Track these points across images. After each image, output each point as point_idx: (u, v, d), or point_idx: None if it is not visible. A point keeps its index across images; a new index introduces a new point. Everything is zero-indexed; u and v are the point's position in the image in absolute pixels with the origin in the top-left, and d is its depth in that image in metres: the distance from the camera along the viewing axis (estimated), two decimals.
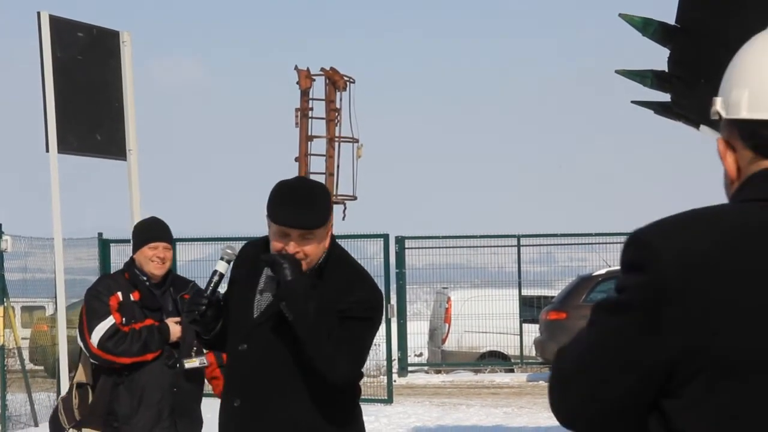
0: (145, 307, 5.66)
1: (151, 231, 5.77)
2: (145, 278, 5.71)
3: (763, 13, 5.56)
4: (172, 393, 5.64)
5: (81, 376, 5.77)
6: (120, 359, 5.53)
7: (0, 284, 12.69)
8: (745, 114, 1.88)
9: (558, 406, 1.85)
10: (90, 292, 5.73)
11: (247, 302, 3.92)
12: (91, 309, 5.62)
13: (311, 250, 3.78)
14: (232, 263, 4.05)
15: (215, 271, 4.00)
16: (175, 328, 5.64)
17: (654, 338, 1.74)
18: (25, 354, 14.15)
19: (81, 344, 5.63)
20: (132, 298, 5.65)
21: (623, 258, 1.80)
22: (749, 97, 1.88)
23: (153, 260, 5.67)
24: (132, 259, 5.80)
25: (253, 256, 3.94)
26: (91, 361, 5.63)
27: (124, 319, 5.58)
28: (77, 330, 5.70)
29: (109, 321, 5.53)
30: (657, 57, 6.10)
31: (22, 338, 14.14)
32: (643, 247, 1.77)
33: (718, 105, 1.93)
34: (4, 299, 12.67)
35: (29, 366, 14.71)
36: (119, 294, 5.63)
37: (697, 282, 1.73)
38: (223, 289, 4.06)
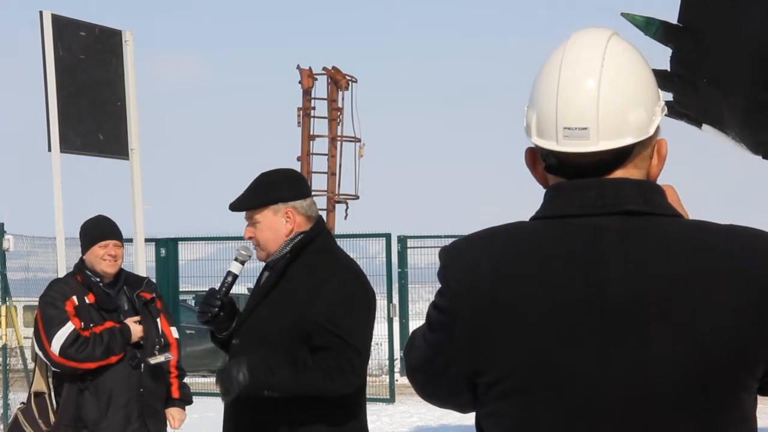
0: (102, 309, 5.54)
1: (100, 229, 5.62)
2: (98, 279, 5.58)
3: (765, 12, 5.56)
4: (139, 394, 5.55)
5: (38, 385, 5.67)
6: (84, 365, 5.40)
7: (2, 283, 12.70)
8: (534, 138, 1.91)
9: (414, 388, 2.04)
10: (44, 299, 5.57)
11: (248, 302, 3.97)
12: (47, 316, 5.47)
13: (260, 236, 3.89)
14: (245, 263, 4.08)
15: (229, 272, 4.02)
16: (136, 328, 5.54)
17: (451, 355, 1.88)
18: (27, 353, 14.14)
19: (40, 353, 5.50)
20: (87, 301, 5.53)
21: (438, 270, 1.92)
22: (537, 122, 1.90)
23: (105, 258, 5.54)
24: (82, 261, 5.68)
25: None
26: (53, 369, 5.52)
27: (83, 323, 5.45)
28: (33, 339, 5.57)
29: (69, 327, 5.40)
30: (659, 56, 6.10)
31: (25, 337, 14.12)
32: (442, 267, 1.90)
33: (524, 117, 1.95)
34: (7, 298, 12.68)
35: (31, 365, 14.70)
36: (74, 298, 5.51)
37: (481, 306, 1.83)
38: (236, 288, 4.09)
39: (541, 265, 1.81)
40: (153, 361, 5.56)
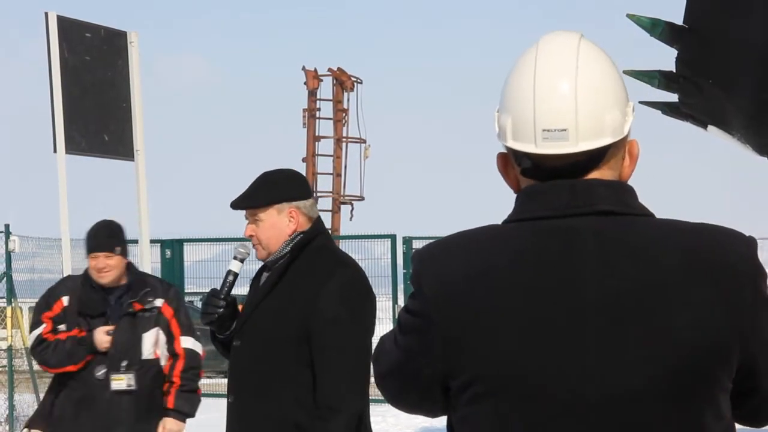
0: (86, 314, 5.46)
1: (93, 240, 5.53)
2: (96, 284, 5.50)
3: None
4: (117, 398, 5.43)
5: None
6: (45, 368, 5.49)
7: (8, 285, 12.72)
8: (510, 142, 1.91)
9: (383, 395, 2.05)
10: (45, 292, 5.64)
11: (248, 303, 3.96)
12: (35, 310, 5.58)
13: (261, 234, 3.89)
14: (245, 262, 4.08)
15: (229, 271, 4.02)
16: (101, 338, 5.39)
17: (425, 358, 1.88)
18: None
19: None
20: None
21: (410, 274, 1.94)
22: (512, 125, 1.89)
23: (94, 270, 5.47)
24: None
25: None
26: None
27: (61, 326, 5.42)
28: None
29: (41, 328, 5.44)
30: (664, 57, 6.09)
31: None
32: (415, 271, 1.91)
33: (495, 122, 1.95)
34: (12, 300, 12.70)
35: (37, 367, 14.74)
36: (65, 299, 5.48)
37: (454, 310, 1.83)
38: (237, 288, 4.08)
39: (514, 267, 1.82)
40: (115, 384, 5.41)
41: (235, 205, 3.94)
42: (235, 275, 4.03)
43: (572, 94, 1.85)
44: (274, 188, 3.91)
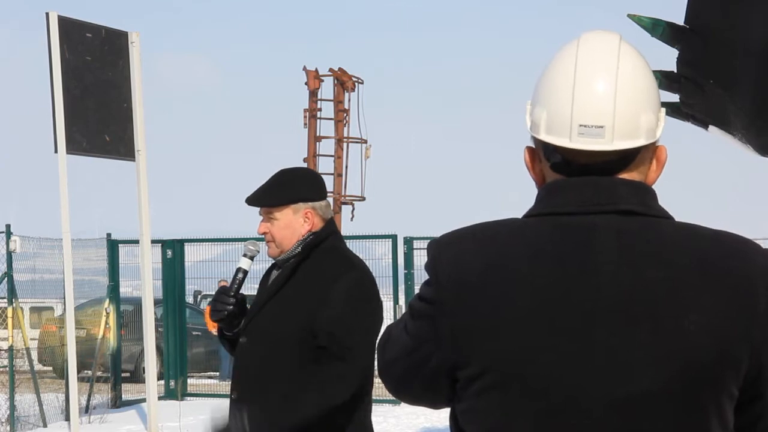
0: None
1: None
2: None
3: None
4: None
5: None
6: None
7: (9, 285, 12.71)
8: (543, 135, 1.91)
9: (386, 386, 2.06)
10: None
11: (256, 301, 3.97)
12: None
13: (275, 232, 3.89)
14: (254, 259, 4.08)
15: (239, 269, 4.02)
16: None
17: (434, 346, 1.89)
18: (34, 354, 14.18)
19: None
20: None
21: (426, 261, 1.94)
22: (547, 119, 1.90)
23: None
24: None
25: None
26: None
27: None
28: None
29: None
30: (666, 57, 6.09)
31: (31, 339, 14.15)
32: (432, 258, 1.91)
33: (527, 115, 1.96)
34: (13, 300, 12.70)
35: (38, 367, 14.74)
36: None
37: (468, 299, 1.84)
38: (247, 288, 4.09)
39: (531, 261, 1.82)
40: None
41: (251, 201, 3.93)
42: (245, 273, 4.03)
43: (612, 92, 1.85)
44: (292, 188, 3.91)
